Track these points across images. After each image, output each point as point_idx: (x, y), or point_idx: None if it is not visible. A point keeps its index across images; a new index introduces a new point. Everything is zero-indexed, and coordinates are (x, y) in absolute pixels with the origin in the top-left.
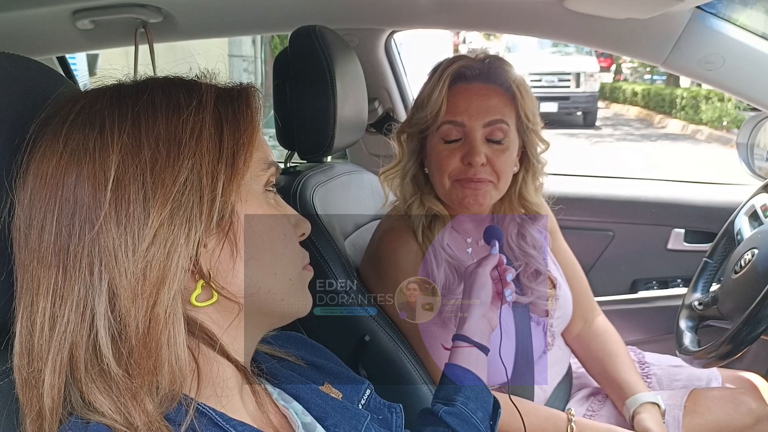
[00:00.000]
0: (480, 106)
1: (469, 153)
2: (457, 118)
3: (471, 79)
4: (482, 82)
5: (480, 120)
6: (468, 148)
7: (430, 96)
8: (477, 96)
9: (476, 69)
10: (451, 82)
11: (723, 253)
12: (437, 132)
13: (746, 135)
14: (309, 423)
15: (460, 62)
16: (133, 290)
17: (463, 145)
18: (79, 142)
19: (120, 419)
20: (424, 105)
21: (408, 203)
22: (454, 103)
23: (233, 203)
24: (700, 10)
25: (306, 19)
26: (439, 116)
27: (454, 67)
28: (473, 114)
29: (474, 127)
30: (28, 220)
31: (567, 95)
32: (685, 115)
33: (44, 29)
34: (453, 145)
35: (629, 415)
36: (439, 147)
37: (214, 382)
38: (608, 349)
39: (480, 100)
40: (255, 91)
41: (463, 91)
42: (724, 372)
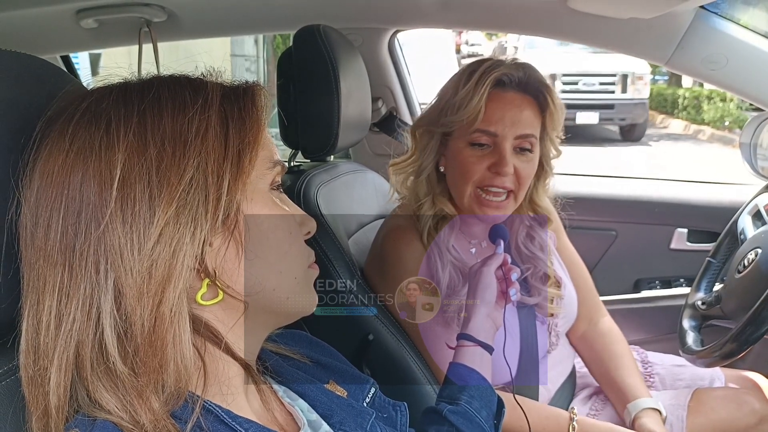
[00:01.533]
0: (514, 117)
1: (498, 163)
2: (491, 127)
3: (507, 87)
4: (518, 91)
5: (513, 131)
6: (498, 158)
7: (467, 101)
8: (512, 106)
9: (515, 77)
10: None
11: (726, 252)
12: (466, 137)
13: (749, 135)
14: (314, 420)
15: (501, 69)
16: (139, 289)
17: (492, 153)
18: (85, 141)
19: (126, 417)
20: (457, 109)
21: (420, 202)
22: (490, 111)
23: (239, 202)
24: (703, 10)
25: (310, 18)
26: (474, 123)
27: (495, 75)
28: (507, 125)
29: (506, 137)
30: (34, 219)
31: (611, 102)
32: (687, 115)
33: (48, 28)
34: (481, 152)
35: (630, 419)
36: (466, 152)
37: (219, 380)
38: (612, 350)
39: (514, 111)
40: (261, 90)
41: (499, 99)
42: (727, 372)
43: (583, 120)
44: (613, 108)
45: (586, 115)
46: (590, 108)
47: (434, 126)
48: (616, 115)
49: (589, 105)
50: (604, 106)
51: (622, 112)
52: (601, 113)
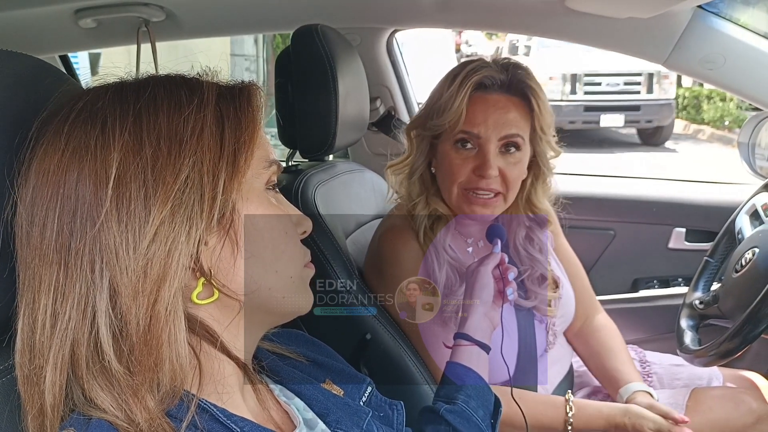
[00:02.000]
0: (498, 119)
1: (481, 165)
2: (473, 129)
3: (491, 89)
4: (502, 92)
5: (496, 133)
6: (481, 161)
7: (449, 104)
8: (495, 108)
9: (498, 79)
10: (471, 91)
11: (724, 252)
12: (451, 139)
13: (748, 134)
14: (311, 419)
15: (483, 72)
16: (134, 288)
17: (477, 156)
18: (81, 140)
19: (121, 415)
20: (441, 112)
21: (413, 202)
22: (472, 113)
23: (234, 201)
24: (701, 10)
25: (308, 18)
26: (456, 126)
27: (476, 78)
28: (490, 126)
29: (489, 139)
30: (30, 218)
31: (637, 104)
32: (687, 115)
33: (47, 28)
34: (465, 153)
35: (622, 402)
36: (452, 154)
37: (215, 378)
38: (607, 344)
39: (498, 113)
40: (256, 90)
41: (482, 102)
42: (725, 371)
43: (607, 123)
44: (639, 109)
45: (611, 118)
46: (615, 110)
47: (423, 129)
48: (643, 117)
49: (613, 107)
50: (630, 108)
51: (648, 113)
52: (626, 115)
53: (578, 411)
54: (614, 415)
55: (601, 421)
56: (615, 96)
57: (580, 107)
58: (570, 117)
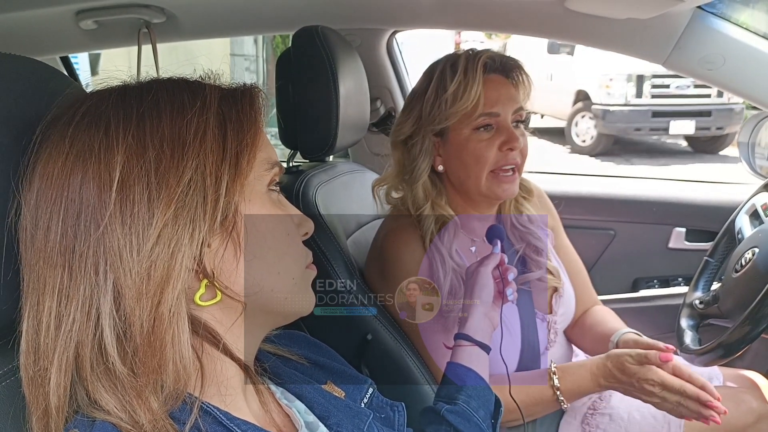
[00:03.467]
0: (508, 94)
1: (508, 140)
2: (494, 109)
3: (491, 71)
4: (498, 73)
5: (509, 108)
6: (506, 136)
7: (463, 90)
8: (500, 86)
9: (498, 61)
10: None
11: (724, 251)
12: (470, 124)
13: (747, 134)
14: (312, 422)
15: (486, 54)
16: (138, 290)
17: (498, 133)
18: (85, 143)
19: (125, 417)
20: (457, 100)
21: (420, 210)
22: (488, 94)
23: (237, 203)
24: (700, 10)
25: (308, 19)
26: (476, 111)
27: (482, 61)
28: (505, 103)
29: (507, 115)
30: (34, 221)
31: (708, 109)
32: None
33: (48, 29)
34: (487, 134)
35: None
36: (473, 139)
37: (217, 381)
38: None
39: (506, 89)
40: (258, 92)
41: (491, 82)
42: (725, 370)
43: (677, 130)
44: (710, 115)
45: (681, 124)
46: (685, 115)
47: (426, 126)
48: (713, 123)
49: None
50: (701, 113)
51: (719, 119)
52: (697, 121)
53: (562, 374)
54: (597, 365)
55: (586, 374)
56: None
57: (647, 112)
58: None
